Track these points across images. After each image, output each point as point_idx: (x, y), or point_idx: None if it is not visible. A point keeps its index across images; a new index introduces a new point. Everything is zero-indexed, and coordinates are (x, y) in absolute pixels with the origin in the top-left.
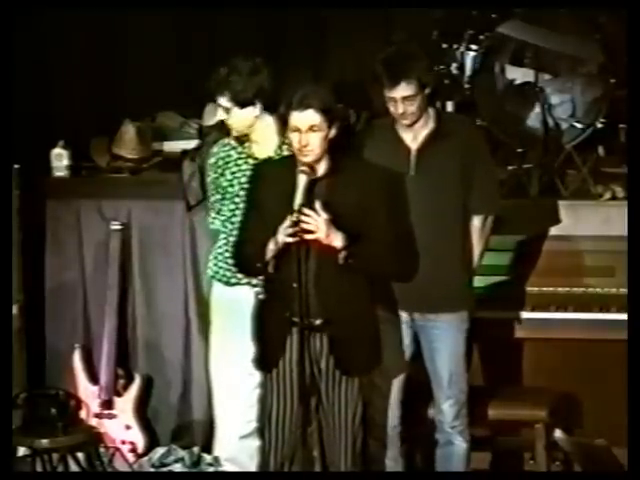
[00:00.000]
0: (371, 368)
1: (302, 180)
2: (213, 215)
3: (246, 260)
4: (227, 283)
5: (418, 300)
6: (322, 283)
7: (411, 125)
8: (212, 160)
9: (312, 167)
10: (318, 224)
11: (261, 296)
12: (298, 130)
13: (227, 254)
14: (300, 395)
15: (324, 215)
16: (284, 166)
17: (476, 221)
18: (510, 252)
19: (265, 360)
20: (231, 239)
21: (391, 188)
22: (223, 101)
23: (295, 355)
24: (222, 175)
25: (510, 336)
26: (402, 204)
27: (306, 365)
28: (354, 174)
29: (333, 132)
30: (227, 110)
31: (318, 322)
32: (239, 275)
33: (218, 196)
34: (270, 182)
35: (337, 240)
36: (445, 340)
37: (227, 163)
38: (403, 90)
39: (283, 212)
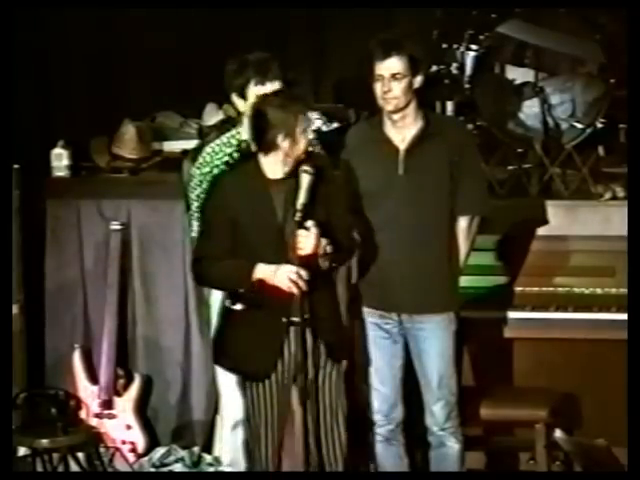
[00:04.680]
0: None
1: (305, 180)
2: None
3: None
4: None
5: (405, 301)
6: (310, 287)
7: (395, 112)
8: (206, 169)
9: (317, 167)
10: (306, 242)
11: (239, 307)
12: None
13: None
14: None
15: (313, 230)
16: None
17: (462, 222)
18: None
19: (256, 368)
20: None
21: (348, 177)
22: (269, 85)
23: (292, 362)
24: None
25: (510, 336)
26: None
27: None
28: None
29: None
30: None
31: (307, 318)
32: None
33: None
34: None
35: (325, 249)
36: (433, 342)
37: (223, 170)
38: (393, 64)
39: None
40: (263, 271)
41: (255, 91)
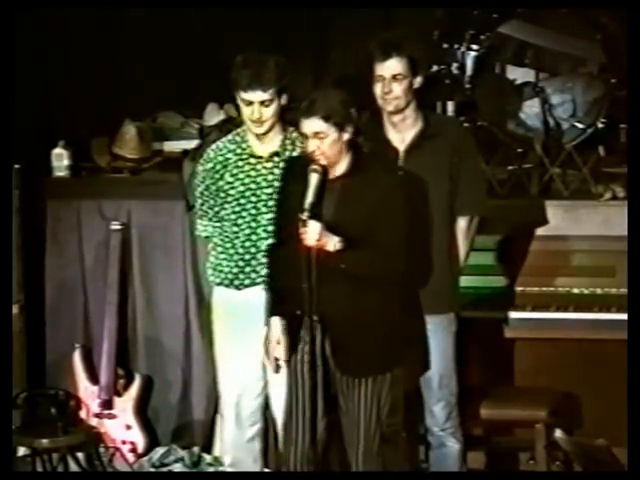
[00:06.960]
0: (378, 372)
1: (314, 179)
2: (205, 222)
3: (275, 260)
4: (237, 287)
5: None
6: (323, 284)
7: (395, 112)
8: (209, 165)
9: (325, 167)
10: (309, 233)
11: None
12: (306, 136)
13: (237, 256)
14: (312, 391)
15: (316, 224)
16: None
17: (462, 222)
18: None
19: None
20: (237, 242)
21: (407, 193)
22: (268, 93)
23: (306, 353)
24: (221, 179)
25: (510, 336)
26: (419, 209)
27: (318, 363)
28: (371, 175)
29: (346, 136)
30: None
31: (317, 319)
32: (252, 275)
33: (213, 201)
34: (292, 180)
35: (329, 244)
36: (433, 342)
37: (225, 166)
38: (394, 65)
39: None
40: (272, 326)
41: (242, 96)
